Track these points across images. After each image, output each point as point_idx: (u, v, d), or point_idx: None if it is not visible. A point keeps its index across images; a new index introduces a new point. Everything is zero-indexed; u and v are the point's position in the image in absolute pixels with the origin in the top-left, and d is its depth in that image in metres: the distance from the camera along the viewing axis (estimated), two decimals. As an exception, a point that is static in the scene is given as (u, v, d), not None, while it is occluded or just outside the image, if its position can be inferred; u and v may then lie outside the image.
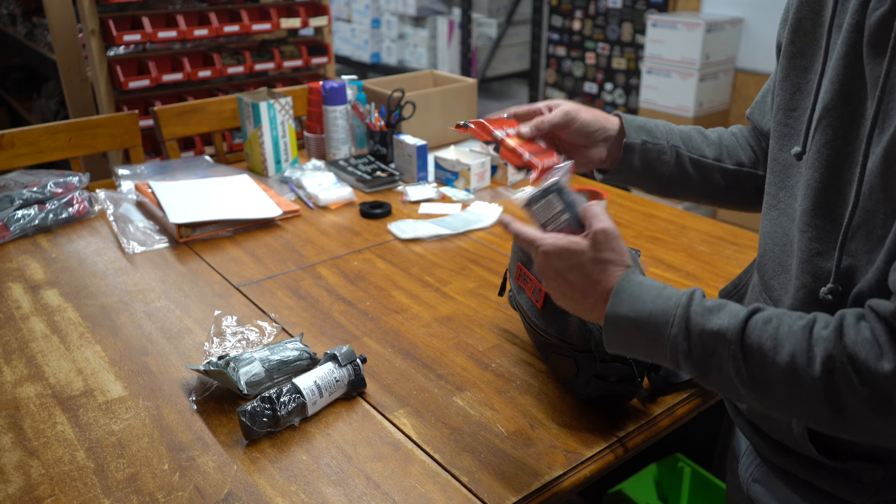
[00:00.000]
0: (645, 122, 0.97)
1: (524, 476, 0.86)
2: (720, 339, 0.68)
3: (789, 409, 0.67)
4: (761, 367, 0.66)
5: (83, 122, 1.87)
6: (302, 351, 1.04)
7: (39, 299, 1.28)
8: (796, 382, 0.64)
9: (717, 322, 0.68)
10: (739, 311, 0.69)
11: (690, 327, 0.70)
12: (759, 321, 0.67)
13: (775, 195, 0.82)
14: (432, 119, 2.02)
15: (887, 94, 0.64)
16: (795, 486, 0.80)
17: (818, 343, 0.63)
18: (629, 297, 0.73)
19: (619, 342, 0.75)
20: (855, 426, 0.63)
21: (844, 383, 0.62)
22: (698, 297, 0.71)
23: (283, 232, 1.55)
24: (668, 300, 0.72)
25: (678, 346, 0.70)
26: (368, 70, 4.59)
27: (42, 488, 0.85)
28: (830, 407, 0.63)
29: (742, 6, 3.28)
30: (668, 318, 0.71)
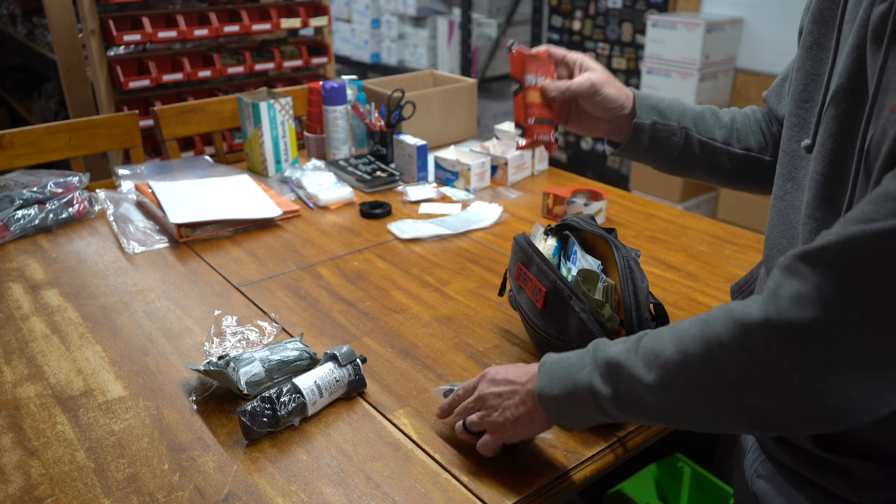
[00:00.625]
0: (659, 102, 0.98)
1: (524, 476, 0.86)
2: (619, 362, 0.72)
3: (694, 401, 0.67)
4: (656, 367, 0.69)
5: (83, 122, 1.87)
6: (302, 351, 1.04)
7: (39, 299, 1.28)
8: (686, 367, 0.66)
9: (615, 349, 0.73)
10: (635, 335, 0.73)
11: (598, 362, 0.74)
12: (653, 334, 0.71)
13: (782, 186, 0.82)
14: (432, 119, 2.02)
15: (882, 89, 0.64)
16: (798, 483, 0.80)
17: (698, 325, 0.66)
18: (549, 367, 0.79)
19: (553, 409, 0.79)
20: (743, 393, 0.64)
21: (720, 347, 0.63)
22: (601, 340, 0.77)
23: (283, 232, 1.55)
24: (578, 354, 0.78)
25: (593, 382, 0.74)
26: (368, 70, 4.59)
27: (42, 488, 0.85)
28: (718, 377, 0.64)
29: (742, 6, 3.28)
30: (582, 364, 0.76)
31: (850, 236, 0.58)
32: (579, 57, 1.00)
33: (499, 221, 1.59)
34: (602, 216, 1.57)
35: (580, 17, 3.98)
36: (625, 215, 1.63)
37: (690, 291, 1.29)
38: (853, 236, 0.57)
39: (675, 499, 1.49)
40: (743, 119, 1.03)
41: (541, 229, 1.14)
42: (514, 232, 1.54)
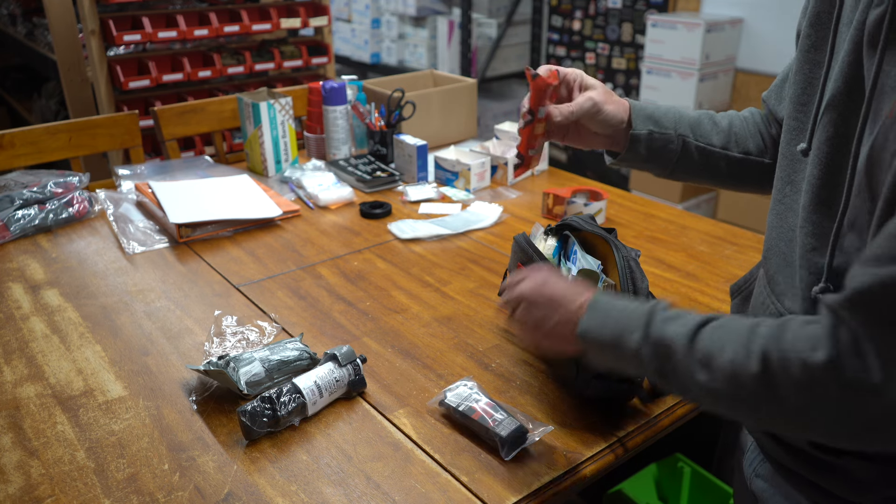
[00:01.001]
0: (654, 111, 0.99)
1: (524, 476, 0.86)
2: (673, 346, 0.72)
3: (734, 409, 0.70)
4: (709, 370, 0.69)
5: (83, 122, 1.87)
6: (302, 351, 1.04)
7: (39, 299, 1.28)
8: (736, 379, 0.67)
9: (673, 329, 0.72)
10: (692, 320, 0.72)
11: (650, 335, 0.74)
12: (710, 328, 0.71)
13: (781, 189, 0.82)
14: (432, 119, 2.02)
15: (878, 92, 0.65)
16: (796, 483, 0.80)
17: (756, 339, 0.66)
18: (600, 310, 0.79)
19: (592, 351, 0.80)
20: (794, 418, 0.65)
21: (781, 376, 0.63)
22: (660, 307, 0.76)
23: (283, 232, 1.55)
24: (634, 311, 0.77)
25: (641, 352, 0.74)
26: (368, 70, 4.59)
27: (42, 488, 0.85)
28: (769, 400, 0.65)
29: (742, 6, 3.28)
30: (632, 327, 0.75)
31: (885, 277, 0.58)
32: (577, 74, 1.00)
33: (499, 221, 1.59)
34: (602, 216, 1.57)
35: (580, 17, 3.98)
36: (625, 215, 1.63)
37: (690, 291, 1.29)
38: (889, 277, 0.57)
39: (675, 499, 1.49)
40: (741, 123, 1.03)
41: (541, 229, 1.14)
42: (514, 232, 1.54)
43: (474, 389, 0.96)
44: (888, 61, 0.64)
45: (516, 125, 1.93)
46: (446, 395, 0.96)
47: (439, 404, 0.96)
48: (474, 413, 0.92)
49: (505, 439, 0.88)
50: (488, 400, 0.94)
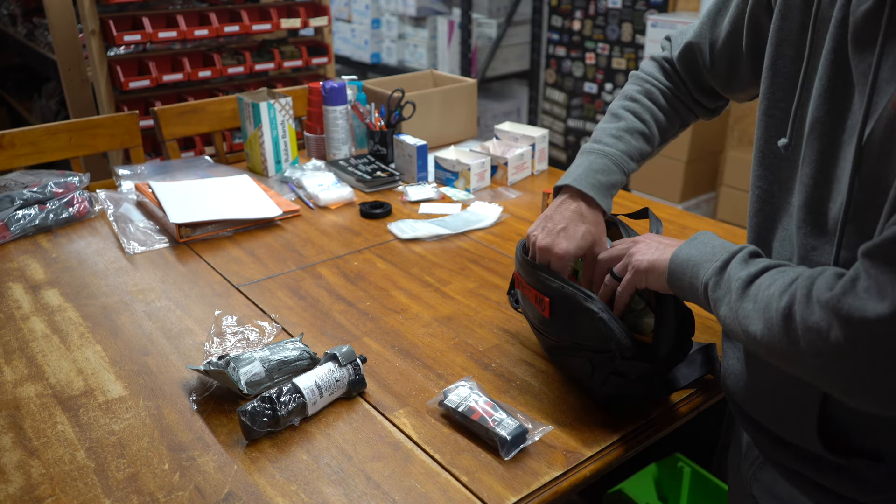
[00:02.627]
0: (606, 178, 1.00)
1: (524, 476, 0.86)
2: (737, 280, 0.74)
3: (763, 346, 0.70)
4: (752, 300, 0.71)
5: (83, 122, 1.87)
6: (302, 351, 1.04)
7: (40, 299, 1.28)
8: (768, 313, 0.68)
9: (745, 270, 0.74)
10: (764, 262, 0.74)
11: (725, 270, 0.76)
12: (775, 270, 0.72)
13: (767, 189, 0.82)
14: (432, 119, 2.02)
15: (877, 89, 0.64)
16: (798, 483, 0.80)
17: (796, 281, 0.68)
18: (699, 241, 0.83)
19: (674, 275, 0.83)
20: (807, 359, 0.65)
21: (799, 314, 0.65)
22: (745, 251, 0.77)
23: (283, 232, 1.55)
24: (724, 248, 0.79)
25: (709, 281, 0.77)
26: (368, 70, 4.59)
27: (42, 488, 0.85)
28: (788, 342, 0.66)
29: (742, 6, 3.28)
30: (715, 258, 0.78)
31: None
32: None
33: (499, 221, 1.59)
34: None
35: (580, 18, 3.98)
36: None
37: (690, 291, 1.29)
38: None
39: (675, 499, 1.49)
40: (658, 112, 1.06)
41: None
42: (514, 232, 1.55)
43: (474, 389, 0.96)
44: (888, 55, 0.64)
45: (516, 126, 1.93)
46: (446, 396, 0.96)
47: (439, 405, 0.96)
48: (474, 413, 0.92)
49: (505, 439, 0.88)
50: (488, 400, 0.94)
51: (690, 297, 0.83)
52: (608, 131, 1.02)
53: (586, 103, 4.08)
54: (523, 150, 1.83)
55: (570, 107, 4.18)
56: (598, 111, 4.02)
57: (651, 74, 1.07)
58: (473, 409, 0.92)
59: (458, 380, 1.01)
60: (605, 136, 1.02)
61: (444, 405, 0.95)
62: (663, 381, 0.97)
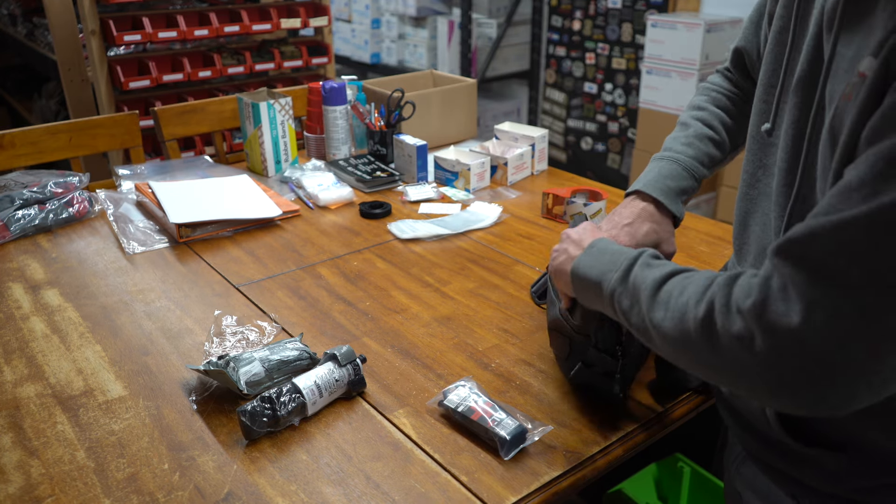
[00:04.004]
0: (676, 184, 1.01)
1: (524, 476, 0.86)
2: (642, 287, 0.75)
3: (679, 353, 0.71)
4: (664, 308, 0.71)
5: (83, 122, 1.87)
6: (302, 351, 1.04)
7: (40, 299, 1.28)
8: (683, 322, 0.68)
9: (648, 273, 0.76)
10: (669, 268, 0.75)
11: (628, 277, 0.78)
12: (681, 276, 0.73)
13: (753, 174, 0.83)
14: (432, 119, 2.02)
15: (832, 76, 0.66)
16: (774, 477, 0.81)
17: (711, 288, 0.68)
18: (595, 250, 0.85)
19: (579, 289, 0.86)
20: (727, 367, 0.65)
21: (718, 322, 0.65)
22: (646, 255, 0.79)
23: (283, 232, 1.55)
24: (622, 254, 0.81)
25: (615, 291, 0.78)
26: (368, 70, 4.59)
27: (42, 488, 0.85)
28: (707, 347, 0.66)
29: (742, 6, 3.28)
30: (615, 267, 0.80)
31: (816, 227, 0.59)
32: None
33: (498, 221, 1.59)
34: (601, 216, 1.57)
35: (580, 18, 3.98)
36: (625, 215, 1.63)
37: (690, 291, 1.29)
38: (820, 227, 0.58)
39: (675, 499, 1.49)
40: (727, 118, 1.05)
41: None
42: (515, 232, 1.55)
43: (473, 389, 0.96)
44: (843, 43, 0.65)
45: (516, 126, 1.93)
46: (445, 396, 0.96)
47: (438, 405, 0.96)
48: (474, 413, 0.92)
49: (505, 439, 0.88)
50: (487, 400, 0.94)
51: (598, 307, 0.84)
52: (678, 140, 1.05)
53: (586, 103, 4.08)
54: (523, 150, 1.83)
55: (570, 107, 4.18)
56: (598, 111, 4.02)
57: (716, 83, 1.08)
58: (473, 409, 0.92)
59: (458, 380, 1.01)
60: (675, 144, 1.04)
61: (444, 405, 0.95)
62: (626, 382, 0.98)
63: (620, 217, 0.99)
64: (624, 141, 3.94)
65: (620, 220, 0.98)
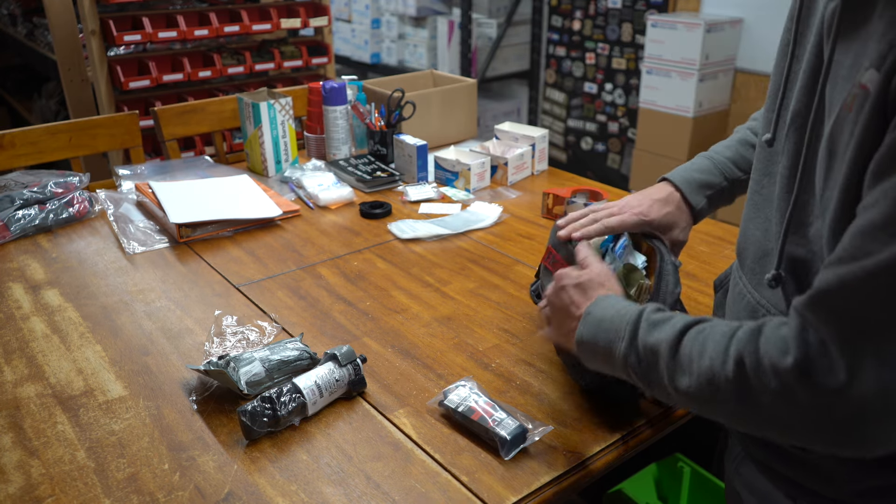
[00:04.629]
0: (702, 176, 1.04)
1: (524, 476, 0.86)
2: (657, 353, 0.74)
3: (713, 412, 0.71)
4: (689, 374, 0.70)
5: (83, 122, 1.87)
6: (302, 351, 1.04)
7: (40, 299, 1.28)
8: (713, 383, 0.68)
9: (658, 336, 0.74)
10: (677, 325, 0.74)
11: (635, 344, 0.76)
12: (693, 333, 0.72)
13: (759, 181, 0.84)
14: (432, 119, 2.02)
15: (831, 83, 0.66)
16: (772, 478, 0.81)
17: (733, 344, 0.67)
18: (591, 319, 0.82)
19: (589, 360, 0.84)
20: (768, 422, 0.66)
21: (754, 380, 0.64)
22: (647, 313, 0.78)
23: (283, 232, 1.55)
24: (622, 319, 0.79)
25: (628, 359, 0.77)
26: (368, 70, 4.59)
27: (42, 488, 0.85)
28: (744, 404, 0.66)
29: (742, 6, 3.28)
30: (619, 336, 0.78)
31: (847, 277, 0.58)
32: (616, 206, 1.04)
33: (498, 221, 1.59)
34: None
35: (580, 18, 3.98)
36: (625, 215, 1.63)
37: (690, 291, 1.29)
38: (851, 276, 0.58)
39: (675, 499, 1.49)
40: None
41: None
42: (515, 232, 1.55)
43: (473, 389, 0.96)
44: (840, 51, 0.65)
45: (516, 126, 1.93)
46: (446, 396, 0.96)
47: (439, 405, 0.96)
48: (474, 413, 0.92)
49: (505, 439, 0.88)
50: (488, 400, 0.94)
51: (612, 373, 0.83)
52: (723, 143, 1.09)
53: (586, 103, 4.08)
54: (523, 150, 1.83)
55: (570, 107, 4.18)
56: (598, 111, 4.02)
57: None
58: (473, 409, 0.92)
59: (458, 380, 1.01)
60: (718, 146, 1.08)
61: (444, 405, 0.95)
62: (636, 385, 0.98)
63: (651, 192, 1.04)
64: (624, 141, 3.94)
65: (651, 193, 1.04)
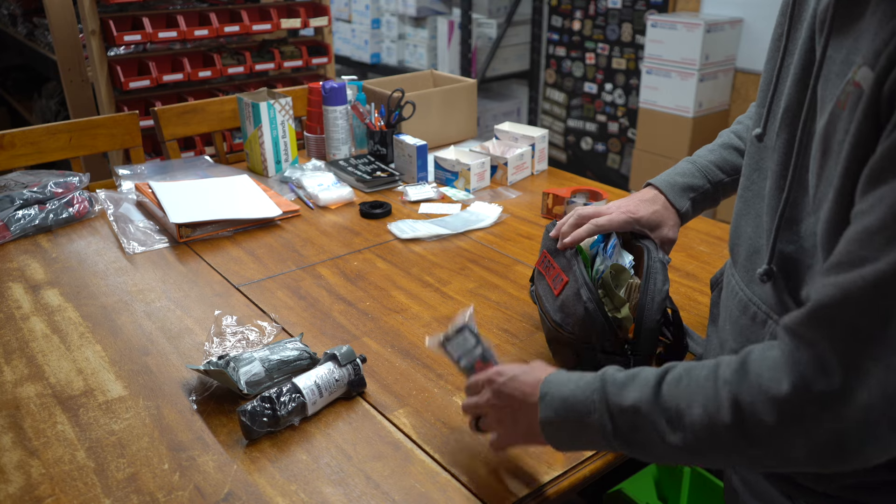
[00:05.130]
0: (684, 181, 1.05)
1: (524, 476, 0.86)
2: (637, 413, 0.70)
3: (720, 459, 0.69)
4: (681, 428, 0.67)
5: (83, 122, 1.87)
6: (302, 351, 1.04)
7: (40, 299, 1.28)
8: (714, 433, 0.65)
9: (632, 396, 0.70)
10: (650, 379, 0.71)
11: (610, 409, 0.71)
12: (671, 383, 0.69)
13: (749, 176, 0.84)
14: (432, 119, 2.02)
15: (823, 80, 0.66)
16: (768, 476, 0.81)
17: (723, 388, 0.65)
18: (551, 398, 0.76)
19: (561, 441, 0.77)
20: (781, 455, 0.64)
21: (753, 418, 0.62)
22: (610, 376, 0.73)
23: (283, 232, 1.55)
24: (585, 389, 0.74)
25: (605, 428, 0.72)
26: (368, 70, 4.59)
27: (42, 488, 0.85)
28: (751, 444, 0.64)
29: (742, 6, 3.28)
30: (589, 408, 0.73)
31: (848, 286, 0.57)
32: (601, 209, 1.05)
33: (498, 221, 1.59)
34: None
35: (580, 18, 3.98)
36: (625, 215, 1.63)
37: (690, 291, 1.29)
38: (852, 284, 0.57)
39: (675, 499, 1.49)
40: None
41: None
42: (515, 232, 1.55)
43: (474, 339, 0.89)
44: (833, 47, 0.65)
45: (516, 126, 1.93)
46: (448, 341, 0.90)
47: (438, 345, 0.90)
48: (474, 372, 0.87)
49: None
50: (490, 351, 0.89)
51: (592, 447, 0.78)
52: (706, 147, 1.10)
53: (586, 103, 4.08)
54: (523, 150, 1.84)
55: (570, 107, 4.18)
56: (598, 111, 4.02)
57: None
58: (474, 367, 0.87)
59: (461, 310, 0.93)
60: (702, 150, 1.10)
61: (447, 351, 0.90)
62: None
63: (637, 195, 1.07)
64: (624, 141, 3.94)
65: (637, 196, 1.06)
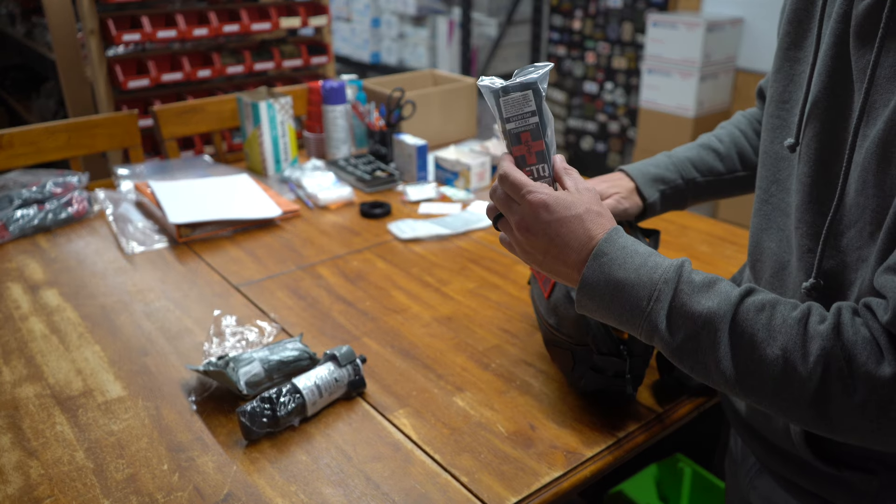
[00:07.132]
0: (657, 171, 1.02)
1: (524, 476, 0.86)
2: (707, 324, 0.64)
3: (772, 405, 0.64)
4: (750, 358, 0.63)
5: (82, 121, 1.87)
6: (302, 351, 1.04)
7: (39, 299, 1.27)
8: (786, 378, 0.61)
9: (706, 304, 0.65)
10: (731, 293, 0.66)
11: (674, 305, 0.66)
12: (752, 308, 0.64)
13: (767, 189, 0.82)
14: (432, 119, 2.02)
15: (875, 86, 0.63)
16: (795, 493, 0.80)
17: (814, 339, 0.61)
18: (610, 261, 0.70)
19: (591, 307, 0.72)
20: (839, 428, 0.61)
21: (839, 384, 0.59)
22: (687, 272, 0.68)
23: (282, 232, 1.55)
24: (654, 271, 0.68)
25: (657, 323, 0.67)
26: (368, 70, 4.59)
27: (41, 488, 0.85)
28: (817, 407, 0.61)
29: (742, 6, 3.28)
30: (650, 293, 0.67)
31: None
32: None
33: (499, 221, 1.59)
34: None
35: (580, 17, 3.98)
36: (625, 215, 1.63)
37: (691, 291, 1.29)
38: None
39: (676, 499, 1.48)
40: (741, 138, 1.05)
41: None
42: (514, 232, 1.54)
43: (535, 105, 0.74)
44: (886, 52, 0.63)
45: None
46: (506, 93, 0.74)
47: (491, 93, 0.75)
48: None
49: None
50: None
51: (614, 324, 0.72)
52: (684, 146, 1.08)
53: (586, 103, 4.08)
54: (523, 149, 1.83)
55: (571, 106, 4.18)
56: (599, 111, 4.02)
57: (748, 112, 1.09)
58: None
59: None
60: (678, 148, 1.07)
61: (498, 105, 0.75)
62: (637, 380, 0.97)
63: (604, 177, 1.03)
64: (624, 140, 3.94)
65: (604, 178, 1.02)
